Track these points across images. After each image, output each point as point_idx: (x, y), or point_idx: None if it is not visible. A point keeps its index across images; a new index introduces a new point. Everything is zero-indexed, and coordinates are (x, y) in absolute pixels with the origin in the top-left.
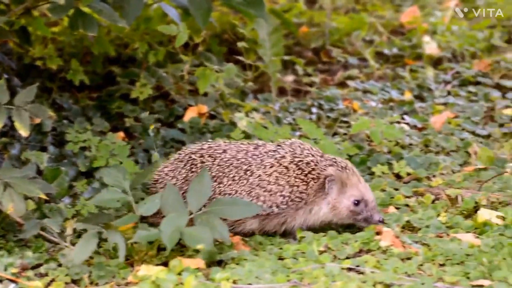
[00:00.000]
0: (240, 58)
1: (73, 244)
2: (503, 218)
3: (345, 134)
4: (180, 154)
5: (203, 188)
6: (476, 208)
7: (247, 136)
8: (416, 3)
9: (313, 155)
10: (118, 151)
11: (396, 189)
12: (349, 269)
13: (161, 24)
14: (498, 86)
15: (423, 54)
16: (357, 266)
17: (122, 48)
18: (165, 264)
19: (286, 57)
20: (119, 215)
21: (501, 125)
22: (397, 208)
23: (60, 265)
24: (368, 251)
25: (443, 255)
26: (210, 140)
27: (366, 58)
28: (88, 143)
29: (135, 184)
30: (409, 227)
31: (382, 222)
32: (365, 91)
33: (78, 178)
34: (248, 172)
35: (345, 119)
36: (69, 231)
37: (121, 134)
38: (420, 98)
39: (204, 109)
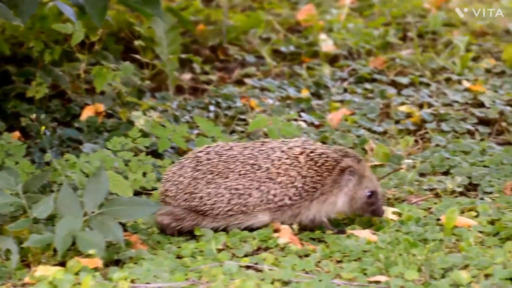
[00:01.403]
0: (137, 56)
1: None
2: (399, 214)
3: (242, 131)
4: (187, 155)
5: (100, 187)
6: None
7: (145, 134)
8: (312, 1)
9: (322, 147)
10: (14, 151)
11: None
12: (248, 267)
13: (56, 22)
14: (393, 83)
15: (320, 52)
16: (256, 263)
17: (17, 47)
18: (63, 264)
19: (183, 55)
20: (16, 217)
21: (397, 122)
22: None
23: None
24: (267, 248)
25: (341, 252)
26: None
27: (263, 56)
28: None
29: (31, 187)
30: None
31: (382, 214)
32: (263, 89)
33: None
34: (255, 166)
35: (242, 116)
36: None
37: (17, 133)
38: (317, 95)
39: (101, 108)
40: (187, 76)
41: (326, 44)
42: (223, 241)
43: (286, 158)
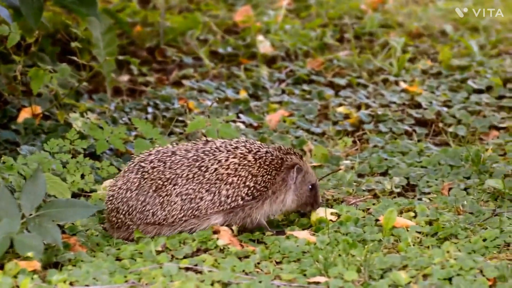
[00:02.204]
0: (74, 58)
1: None
2: (338, 215)
3: (181, 133)
4: (129, 165)
5: (37, 189)
6: None
7: (83, 136)
8: (249, 3)
9: (264, 146)
10: None
11: None
12: (187, 269)
13: None
14: (331, 84)
15: (257, 53)
16: (195, 265)
17: None
18: (1, 267)
19: (121, 57)
20: None
21: (335, 123)
22: None
23: None
24: (206, 250)
25: (280, 253)
26: (157, 145)
27: (201, 57)
28: None
29: None
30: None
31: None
32: (201, 90)
33: None
34: (203, 168)
35: (181, 118)
36: None
37: None
38: (255, 96)
39: (38, 109)
40: (124, 77)
41: (264, 46)
42: (162, 243)
43: (233, 158)
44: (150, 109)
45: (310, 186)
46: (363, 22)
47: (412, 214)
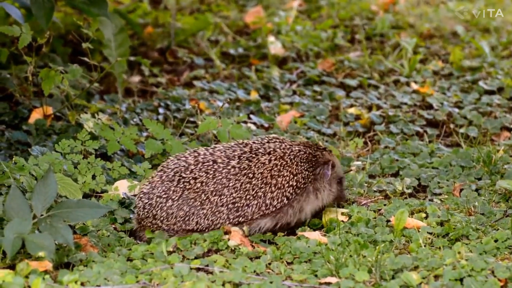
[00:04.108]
0: (85, 59)
1: None
2: (349, 216)
3: (192, 134)
4: (165, 171)
5: (49, 190)
6: None
7: (94, 137)
8: (260, 3)
9: (294, 144)
10: None
11: None
12: (198, 269)
13: (3, 25)
14: (342, 85)
15: (268, 54)
16: (206, 265)
17: None
18: (12, 267)
19: (132, 58)
20: None
21: (346, 124)
22: None
23: None
24: (217, 250)
25: (291, 254)
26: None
27: (212, 58)
28: None
29: None
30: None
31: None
32: (212, 91)
33: None
34: (250, 175)
35: (192, 119)
36: None
37: None
38: (266, 97)
39: (50, 110)
40: (135, 78)
41: (275, 47)
42: (173, 243)
43: (275, 160)
44: (161, 110)
45: (338, 179)
46: (374, 23)
47: (423, 215)
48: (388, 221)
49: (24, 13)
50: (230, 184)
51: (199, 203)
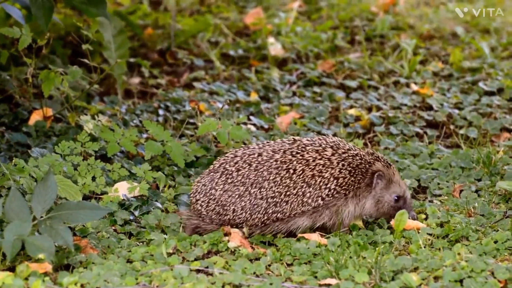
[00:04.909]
0: (85, 60)
1: None
2: None
3: (192, 135)
4: (214, 164)
5: (48, 192)
6: None
7: (94, 139)
8: (260, 5)
9: (356, 149)
10: None
11: None
12: (198, 271)
13: (4, 26)
14: (342, 87)
15: (268, 55)
16: (206, 267)
17: None
18: (12, 269)
19: (132, 59)
20: None
21: (346, 125)
22: None
23: None
24: (217, 252)
25: (291, 255)
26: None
27: (212, 59)
28: None
29: None
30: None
31: (415, 219)
32: (212, 93)
33: None
34: (290, 170)
35: (192, 120)
36: None
37: None
38: (266, 99)
39: (50, 112)
40: (135, 80)
41: (275, 48)
42: (173, 245)
43: (320, 159)
44: (161, 112)
45: (395, 197)
46: (374, 24)
47: (423, 216)
48: (388, 222)
49: (25, 13)
50: (271, 178)
51: (238, 196)
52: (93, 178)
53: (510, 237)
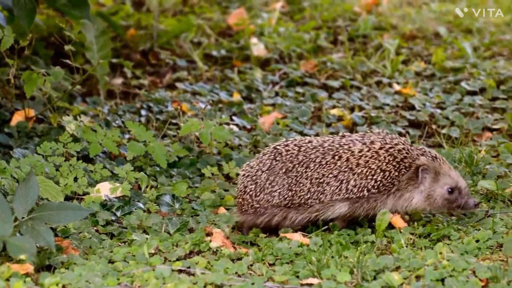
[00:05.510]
0: (68, 61)
1: None
2: None
3: (174, 136)
4: (264, 150)
5: (30, 192)
6: None
7: (76, 139)
8: (243, 5)
9: (403, 143)
10: None
11: (226, 190)
12: (180, 271)
13: None
14: (324, 87)
15: (251, 56)
16: (188, 267)
17: None
18: None
19: (114, 60)
20: None
21: (329, 125)
22: (227, 209)
23: None
24: (199, 252)
25: (273, 255)
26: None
27: (195, 60)
28: None
29: None
30: (239, 228)
31: (477, 206)
32: (194, 93)
33: None
34: (336, 157)
35: (174, 121)
36: None
37: None
38: (248, 99)
39: (32, 113)
40: (118, 80)
41: (257, 48)
42: (155, 245)
43: (367, 151)
44: (143, 112)
45: (448, 189)
46: (357, 25)
47: (407, 217)
48: (370, 221)
49: (7, 15)
50: (317, 160)
51: (284, 174)
52: (75, 179)
53: (491, 236)
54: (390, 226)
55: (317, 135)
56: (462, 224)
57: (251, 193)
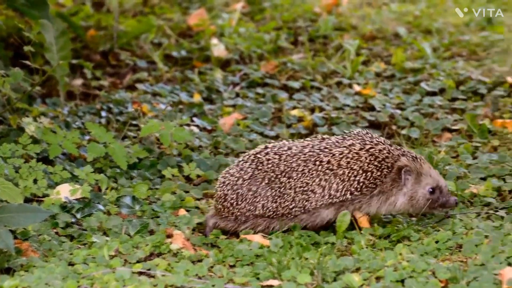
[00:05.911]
0: (27, 62)
1: None
2: None
3: (135, 137)
4: (244, 157)
5: None
6: None
7: (36, 141)
8: (203, 6)
9: (383, 143)
10: None
11: (187, 192)
12: (140, 273)
13: None
14: (285, 87)
15: (212, 57)
16: (148, 269)
17: None
18: None
19: (74, 61)
20: None
21: (289, 126)
22: (187, 211)
23: None
24: (159, 254)
25: (233, 257)
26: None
27: (155, 61)
28: None
29: None
30: (199, 230)
31: (457, 203)
32: (155, 94)
33: None
34: (317, 162)
35: (134, 122)
36: None
37: None
38: (209, 100)
39: None
40: (78, 81)
41: (218, 49)
42: (115, 247)
43: (348, 153)
44: (103, 113)
45: (430, 189)
46: (317, 25)
47: (366, 216)
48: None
49: None
50: (299, 169)
51: (266, 185)
52: (35, 181)
53: (451, 237)
54: (351, 227)
55: (277, 136)
56: (422, 225)
57: (232, 201)
